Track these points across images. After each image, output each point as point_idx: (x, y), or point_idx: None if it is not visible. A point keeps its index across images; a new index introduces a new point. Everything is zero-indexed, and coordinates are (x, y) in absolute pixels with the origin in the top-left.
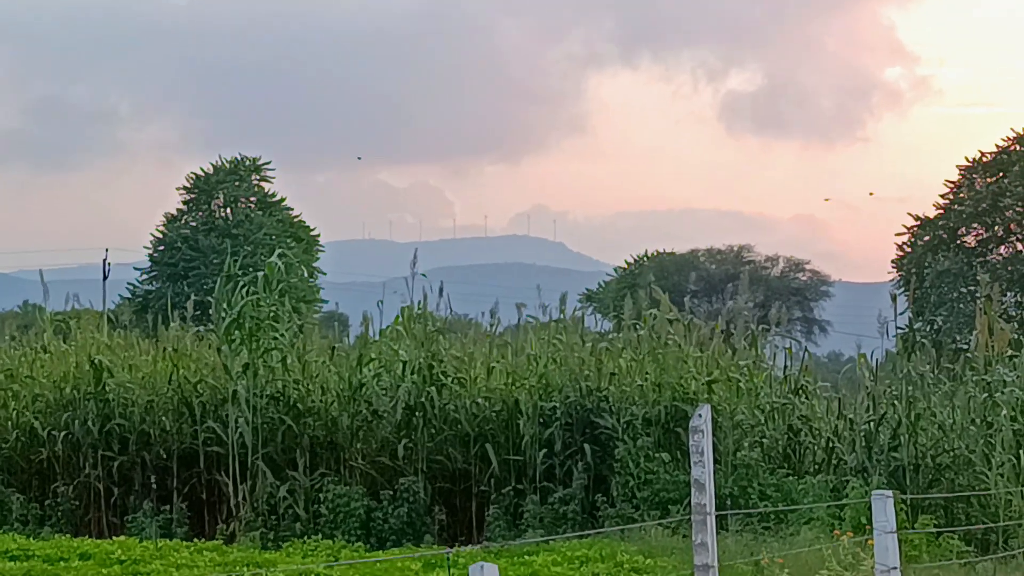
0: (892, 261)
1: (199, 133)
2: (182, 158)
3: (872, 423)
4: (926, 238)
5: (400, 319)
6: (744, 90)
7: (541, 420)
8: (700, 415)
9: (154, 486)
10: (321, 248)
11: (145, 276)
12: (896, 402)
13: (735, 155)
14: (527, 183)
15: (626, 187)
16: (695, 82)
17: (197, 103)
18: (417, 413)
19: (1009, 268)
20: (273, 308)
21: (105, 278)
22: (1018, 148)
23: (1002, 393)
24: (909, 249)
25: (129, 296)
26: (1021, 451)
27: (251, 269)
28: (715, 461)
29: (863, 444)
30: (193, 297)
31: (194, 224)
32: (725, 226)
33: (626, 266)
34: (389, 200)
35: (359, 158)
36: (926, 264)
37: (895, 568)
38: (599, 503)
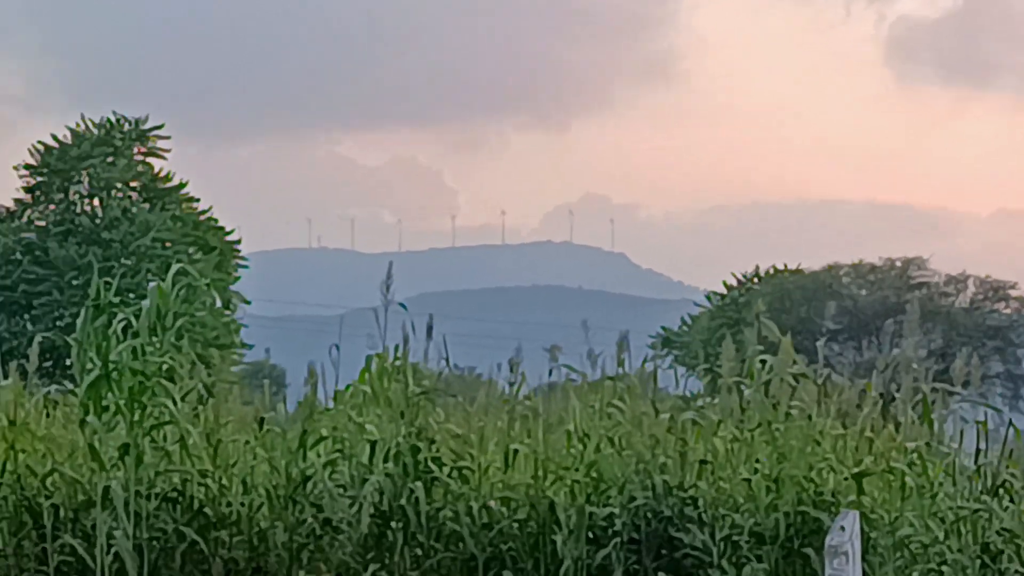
0: None
1: (54, 80)
2: (26, 119)
3: None
4: None
5: (367, 375)
6: (925, 17)
7: (590, 535)
8: (843, 528)
9: None
10: (243, 261)
11: None
12: None
13: (908, 117)
14: (574, 160)
15: (731, 167)
16: (848, 3)
17: (53, 34)
18: (394, 523)
19: None
20: (167, 357)
21: None
22: None
23: None
24: None
25: None
26: None
27: (132, 295)
28: None
29: None
30: (40, 338)
31: (42, 224)
32: (885, 228)
33: (725, 291)
34: (354, 187)
35: None
36: None
37: None
38: None
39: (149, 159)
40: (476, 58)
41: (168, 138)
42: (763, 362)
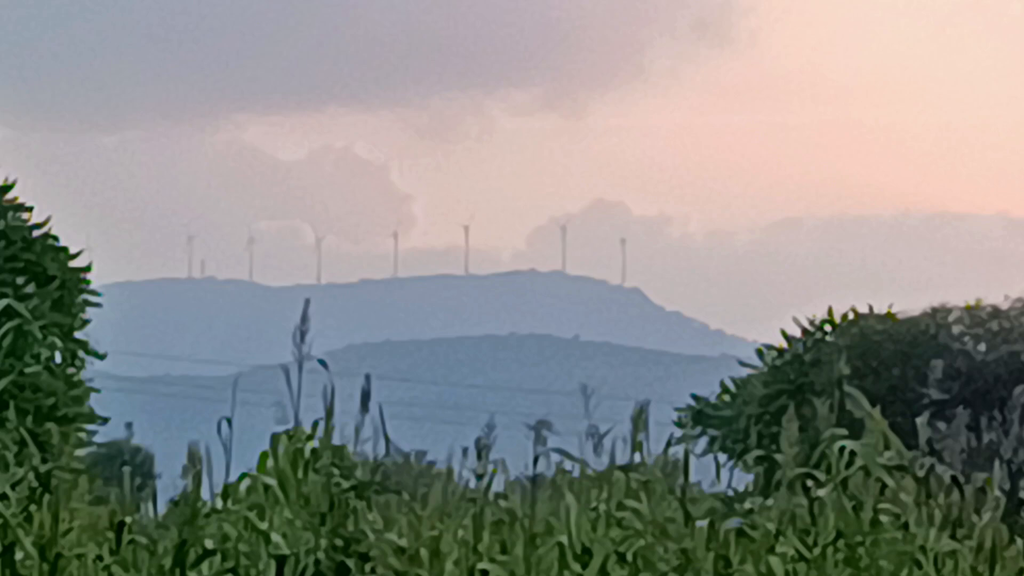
0: None
1: None
2: None
3: None
4: None
5: (271, 460)
6: None
7: None
8: None
9: None
10: (96, 297)
11: None
12: None
13: None
14: (584, 152)
15: (807, 166)
16: None
17: None
18: None
19: None
20: None
21: None
22: None
23: None
24: None
25: None
26: None
27: None
28: None
29: None
30: None
31: None
32: (1019, 252)
33: (786, 344)
34: (259, 190)
35: None
36: None
37: None
38: None
39: None
40: (452, 7)
41: None
42: (841, 448)
